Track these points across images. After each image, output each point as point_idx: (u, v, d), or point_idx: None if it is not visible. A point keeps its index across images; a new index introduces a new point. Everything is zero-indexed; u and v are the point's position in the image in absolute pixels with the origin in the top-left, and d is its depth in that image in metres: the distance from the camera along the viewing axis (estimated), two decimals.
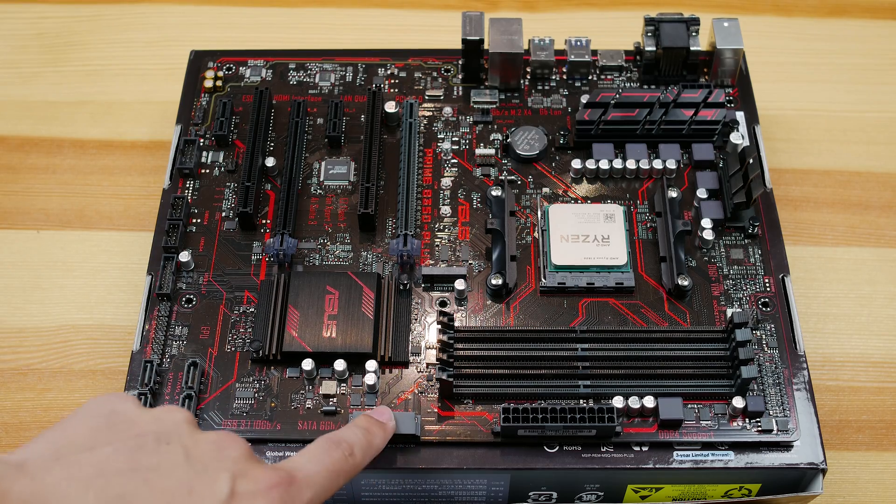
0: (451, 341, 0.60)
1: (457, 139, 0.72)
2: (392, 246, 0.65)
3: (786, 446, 0.59)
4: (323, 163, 0.70)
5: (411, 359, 0.62)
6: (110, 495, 0.43)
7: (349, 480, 0.52)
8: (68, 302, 0.71)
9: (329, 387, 0.60)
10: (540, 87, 0.75)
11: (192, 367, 0.60)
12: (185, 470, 0.45)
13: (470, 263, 0.66)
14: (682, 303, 0.64)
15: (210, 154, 0.71)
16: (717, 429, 0.59)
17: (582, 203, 0.68)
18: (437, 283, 0.65)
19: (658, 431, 0.59)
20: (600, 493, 0.60)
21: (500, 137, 0.72)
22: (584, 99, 0.71)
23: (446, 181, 0.70)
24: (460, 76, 0.75)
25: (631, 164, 0.69)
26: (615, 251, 0.65)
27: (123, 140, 0.80)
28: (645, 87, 0.75)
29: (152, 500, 0.44)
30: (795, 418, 0.60)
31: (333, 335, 0.61)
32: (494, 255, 0.65)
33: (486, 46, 0.73)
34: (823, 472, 0.59)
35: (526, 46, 0.75)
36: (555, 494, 0.61)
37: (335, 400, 0.60)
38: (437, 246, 0.67)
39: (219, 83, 0.74)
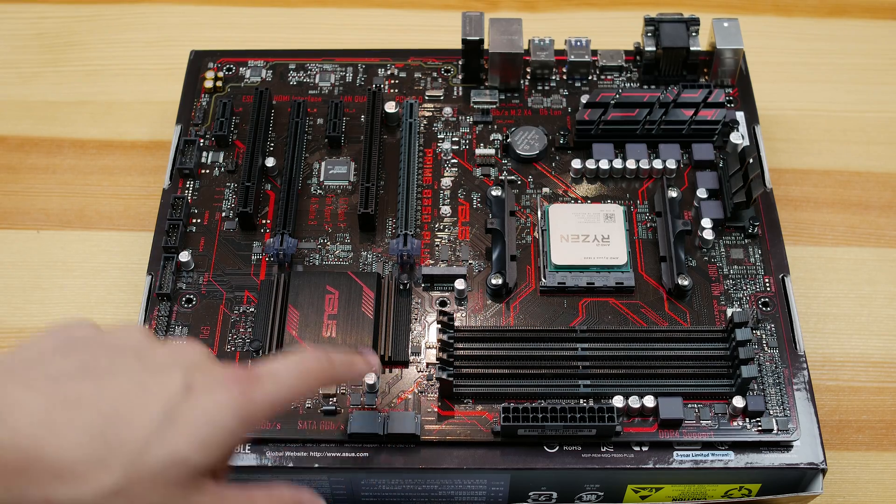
0: (451, 341, 0.60)
1: (457, 139, 0.72)
2: (392, 246, 0.65)
3: (786, 446, 0.59)
4: (323, 163, 0.70)
5: (411, 358, 0.62)
6: (61, 397, 0.42)
7: (323, 386, 0.50)
8: (68, 302, 0.71)
9: (329, 386, 0.60)
10: (540, 88, 0.75)
11: None
12: (139, 371, 0.44)
13: (470, 263, 0.66)
14: (682, 303, 0.64)
15: (210, 154, 0.71)
16: (717, 429, 0.59)
17: (582, 203, 0.68)
18: (437, 282, 0.65)
19: (658, 431, 0.59)
20: (600, 493, 0.60)
21: (500, 137, 0.72)
22: (584, 99, 0.71)
23: (446, 181, 0.70)
24: (460, 76, 0.75)
25: (631, 164, 0.69)
26: (615, 251, 0.65)
27: (123, 140, 0.80)
28: (645, 87, 0.75)
29: (104, 400, 0.43)
30: (795, 418, 0.60)
31: (333, 335, 0.61)
32: (494, 255, 0.65)
33: (486, 46, 0.73)
34: (823, 472, 0.59)
35: (526, 46, 0.75)
36: (555, 494, 0.61)
37: (335, 400, 0.60)
38: (437, 246, 0.67)
39: (219, 83, 0.74)
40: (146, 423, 0.43)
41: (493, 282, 0.64)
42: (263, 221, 0.68)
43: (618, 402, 0.59)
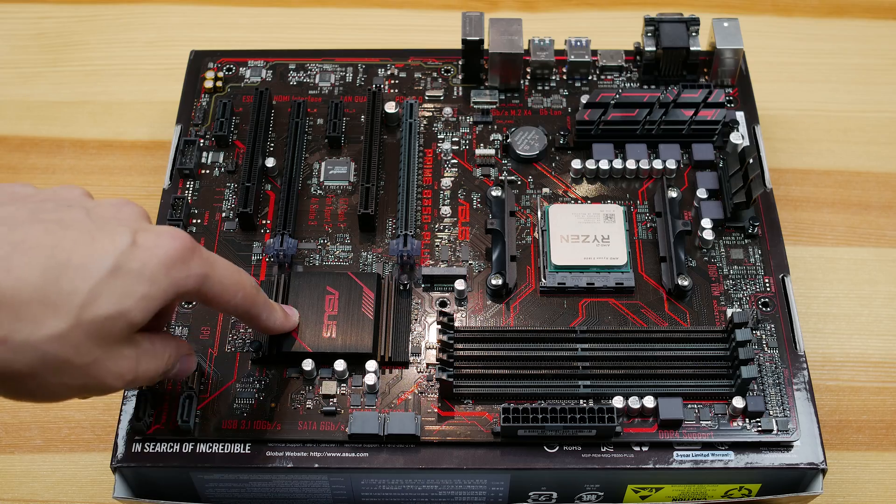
0: (451, 341, 0.60)
1: (457, 139, 0.72)
2: (392, 246, 0.65)
3: (786, 446, 0.59)
4: (323, 163, 0.70)
5: (411, 359, 0.62)
6: (15, 239, 0.45)
7: (242, 311, 0.54)
8: None
9: (329, 387, 0.60)
10: (540, 88, 0.75)
11: None
12: (87, 223, 0.47)
13: (470, 263, 0.66)
14: (682, 303, 0.64)
15: (210, 154, 0.71)
16: (717, 429, 0.59)
17: (582, 203, 0.68)
18: (437, 283, 0.65)
19: (658, 431, 0.59)
20: (600, 494, 0.60)
21: (500, 137, 0.72)
22: (584, 99, 0.71)
23: (446, 181, 0.70)
24: (460, 76, 0.75)
25: (631, 164, 0.69)
26: (615, 251, 0.65)
27: (123, 140, 0.80)
28: (645, 87, 0.75)
29: (57, 247, 0.45)
30: (795, 418, 0.60)
31: (333, 335, 0.61)
32: (494, 256, 0.65)
33: (486, 47, 0.73)
34: (823, 472, 0.59)
35: (526, 46, 0.75)
36: (555, 494, 0.61)
37: (335, 400, 0.60)
38: (437, 246, 0.67)
39: (219, 83, 0.74)
40: (96, 274, 0.45)
41: (493, 282, 0.64)
42: (263, 222, 0.68)
43: (618, 402, 0.59)
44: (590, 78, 0.75)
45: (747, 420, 0.59)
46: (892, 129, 0.82)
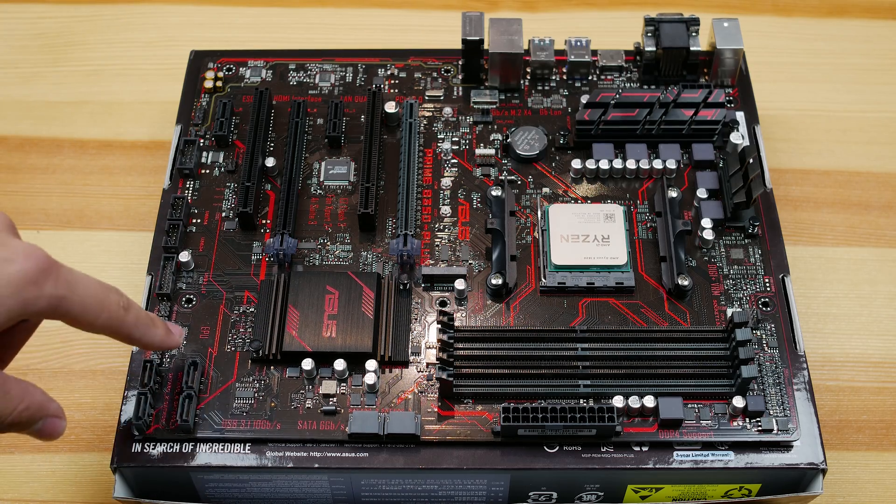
0: (451, 341, 0.60)
1: (457, 139, 0.72)
2: (392, 246, 0.65)
3: (786, 446, 0.59)
4: (323, 163, 0.70)
5: (411, 358, 0.62)
6: None
7: (109, 331, 0.52)
8: None
9: (329, 386, 0.60)
10: (540, 88, 0.75)
11: (192, 367, 0.60)
12: None
13: (470, 263, 0.66)
14: (682, 303, 0.64)
15: (210, 154, 0.71)
16: (717, 429, 0.59)
17: (582, 203, 0.68)
18: (437, 282, 0.65)
19: (658, 431, 0.59)
20: (600, 494, 0.60)
21: (500, 137, 0.72)
22: (584, 99, 0.71)
23: (446, 181, 0.70)
24: (460, 76, 0.75)
25: (631, 164, 0.69)
26: (615, 251, 0.65)
27: (123, 140, 0.80)
28: (645, 87, 0.75)
29: None
30: (795, 418, 0.60)
31: (333, 335, 0.61)
32: (494, 255, 0.65)
33: (486, 46, 0.73)
34: (823, 472, 0.59)
35: (526, 46, 0.75)
36: (555, 494, 0.61)
37: (335, 400, 0.60)
38: (437, 246, 0.67)
39: (219, 83, 0.74)
40: None
41: (493, 282, 0.64)
42: (263, 221, 0.68)
43: (618, 402, 0.59)
44: (590, 78, 0.75)
45: (747, 420, 0.59)
46: (892, 129, 0.82)
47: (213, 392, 0.60)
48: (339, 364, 0.60)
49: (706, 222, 0.66)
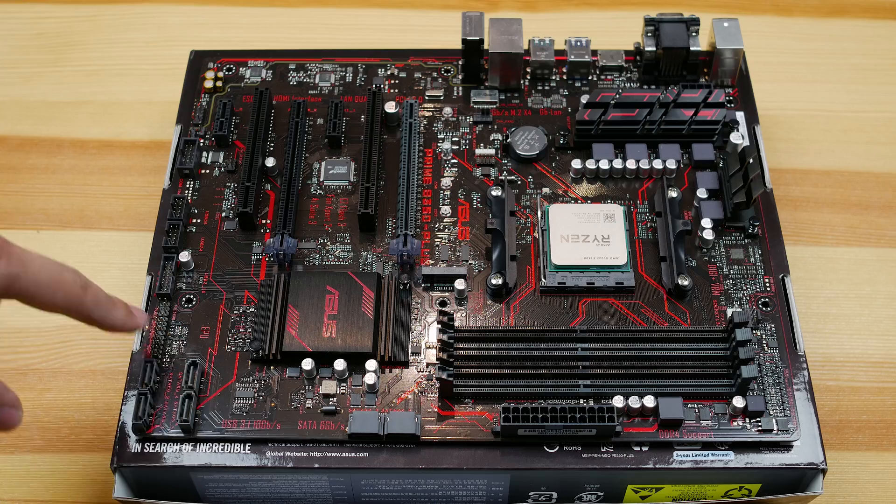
0: (451, 341, 0.60)
1: (457, 139, 0.72)
2: (392, 246, 0.65)
3: (786, 446, 0.59)
4: (323, 163, 0.70)
5: (411, 358, 0.62)
6: None
7: (67, 310, 0.51)
8: None
9: (329, 386, 0.60)
10: (540, 88, 0.75)
11: (192, 367, 0.60)
12: None
13: (470, 263, 0.66)
14: (682, 303, 0.64)
15: (210, 154, 0.71)
16: (717, 429, 0.59)
17: (582, 203, 0.68)
18: (437, 283, 0.65)
19: (658, 431, 0.59)
20: (600, 494, 0.60)
21: (500, 137, 0.72)
22: (584, 99, 0.71)
23: (446, 181, 0.70)
24: (460, 76, 0.75)
25: (631, 164, 0.69)
26: (615, 251, 0.65)
27: (123, 140, 0.80)
28: (645, 87, 0.75)
29: None
30: (795, 418, 0.60)
31: (333, 335, 0.61)
32: (494, 255, 0.65)
33: (486, 46, 0.73)
34: (823, 472, 0.59)
35: (526, 46, 0.75)
36: (555, 494, 0.61)
37: (335, 400, 0.60)
38: (437, 246, 0.67)
39: (219, 83, 0.74)
40: None
41: (493, 282, 0.64)
42: (263, 221, 0.68)
43: (618, 402, 0.59)
44: (590, 78, 0.75)
45: (747, 420, 0.59)
46: (892, 129, 0.82)
47: (213, 392, 0.60)
48: (339, 364, 0.60)
49: (706, 222, 0.66)
